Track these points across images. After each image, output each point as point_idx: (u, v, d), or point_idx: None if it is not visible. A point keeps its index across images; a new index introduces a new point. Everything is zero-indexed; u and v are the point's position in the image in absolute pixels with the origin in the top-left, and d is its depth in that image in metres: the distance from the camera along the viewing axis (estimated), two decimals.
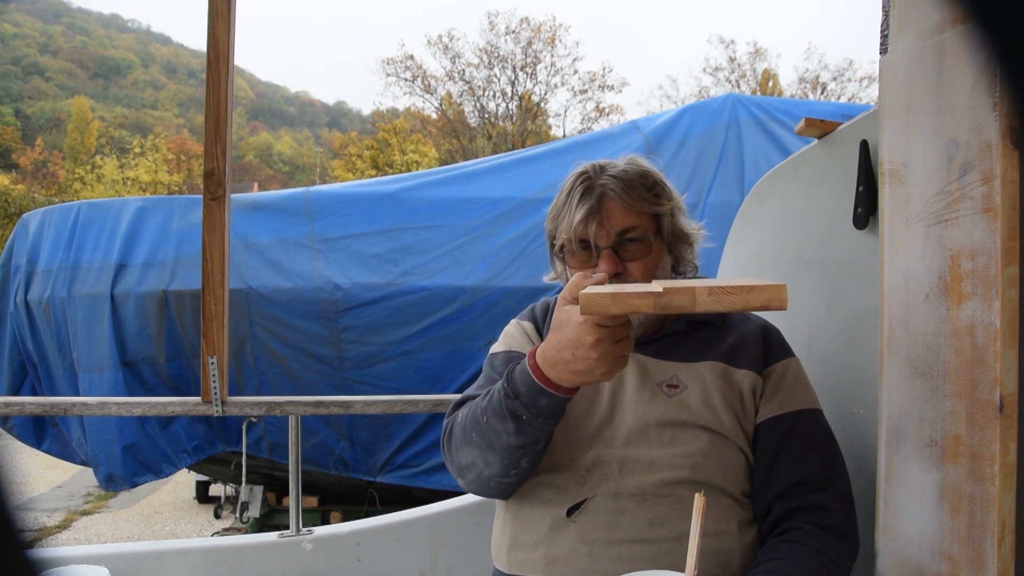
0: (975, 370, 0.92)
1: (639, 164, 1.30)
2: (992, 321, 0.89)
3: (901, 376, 1.06)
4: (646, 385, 1.23)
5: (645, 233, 1.24)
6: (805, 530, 1.13)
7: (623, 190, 1.23)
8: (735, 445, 1.19)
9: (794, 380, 1.25)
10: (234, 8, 1.92)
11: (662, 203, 1.26)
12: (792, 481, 1.17)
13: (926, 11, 1.00)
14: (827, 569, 1.08)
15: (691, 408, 1.19)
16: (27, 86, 59.48)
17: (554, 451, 1.20)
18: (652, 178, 1.28)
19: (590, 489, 1.16)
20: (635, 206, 1.23)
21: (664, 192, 1.28)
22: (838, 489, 1.18)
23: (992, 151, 0.88)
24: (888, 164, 1.09)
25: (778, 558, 1.09)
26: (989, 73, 0.87)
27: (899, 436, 1.07)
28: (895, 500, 1.08)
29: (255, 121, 74.56)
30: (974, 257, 0.91)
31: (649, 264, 1.24)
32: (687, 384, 1.22)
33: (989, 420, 0.89)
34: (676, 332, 1.29)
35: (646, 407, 1.20)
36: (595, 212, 1.22)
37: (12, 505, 0.30)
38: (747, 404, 1.22)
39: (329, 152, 42.03)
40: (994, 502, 0.88)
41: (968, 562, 0.92)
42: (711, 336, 1.29)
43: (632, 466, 1.16)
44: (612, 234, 1.22)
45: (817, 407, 1.26)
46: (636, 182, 1.25)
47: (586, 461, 1.18)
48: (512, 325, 1.40)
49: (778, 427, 1.20)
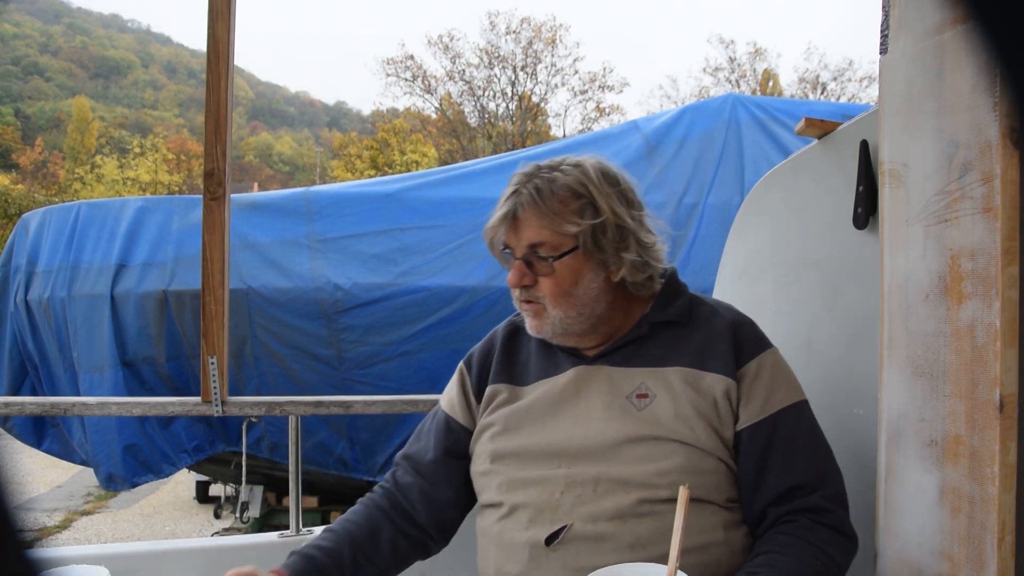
0: (975, 370, 0.92)
1: (575, 174, 1.19)
2: (992, 321, 0.89)
3: (901, 376, 1.06)
4: (615, 399, 1.18)
5: (557, 251, 1.16)
6: (802, 523, 1.11)
7: (535, 203, 1.16)
8: (713, 457, 1.14)
9: (770, 377, 1.19)
10: (234, 8, 1.92)
11: (580, 222, 1.15)
12: (784, 488, 1.13)
13: (926, 11, 1.00)
14: (822, 564, 1.07)
15: (662, 422, 1.15)
16: (27, 86, 59.47)
17: (528, 473, 1.18)
18: (581, 191, 1.17)
19: (566, 514, 1.13)
20: (546, 221, 1.16)
21: (594, 208, 1.17)
22: (832, 489, 1.16)
23: (992, 151, 0.88)
24: (888, 164, 1.09)
25: (773, 551, 1.08)
26: (989, 73, 0.87)
27: (899, 436, 1.07)
28: (895, 500, 1.08)
29: (255, 121, 74.56)
30: (974, 257, 0.91)
31: (560, 283, 1.17)
32: (656, 393, 1.17)
33: (989, 420, 0.89)
34: (639, 337, 1.23)
35: (617, 423, 1.16)
36: (509, 219, 1.18)
37: (12, 505, 0.30)
38: (722, 411, 1.16)
39: (329, 152, 42.03)
40: (994, 502, 0.88)
41: (968, 562, 0.92)
42: (677, 336, 1.23)
43: (607, 486, 1.13)
44: (524, 245, 1.18)
45: (799, 398, 1.20)
46: (557, 195, 1.16)
47: (559, 484, 1.15)
48: (458, 370, 1.37)
49: (761, 433, 1.15)
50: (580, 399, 1.21)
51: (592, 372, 1.22)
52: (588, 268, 1.18)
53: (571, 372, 1.23)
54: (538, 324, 1.21)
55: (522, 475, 1.19)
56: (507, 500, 1.19)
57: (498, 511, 1.21)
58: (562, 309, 1.18)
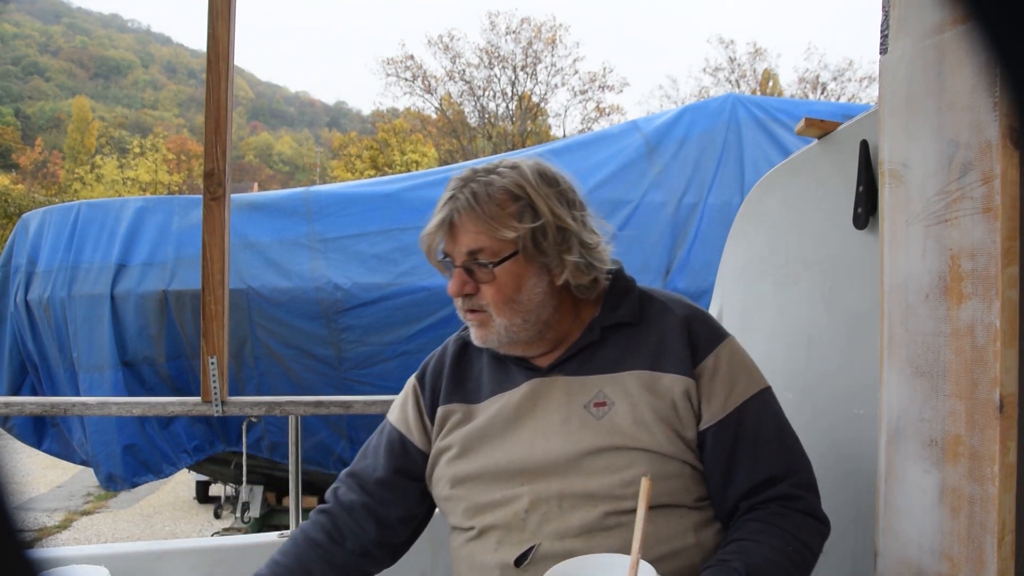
0: (975, 370, 0.92)
1: (512, 176, 1.15)
2: (992, 321, 0.89)
3: (901, 376, 1.06)
4: (572, 410, 1.15)
5: (497, 257, 1.12)
6: (772, 509, 1.10)
7: (472, 208, 1.12)
8: (677, 460, 1.12)
9: (729, 370, 1.15)
10: (234, 8, 1.92)
11: (519, 225, 1.11)
12: (753, 482, 1.12)
13: (926, 11, 1.00)
14: (794, 549, 1.05)
15: (622, 430, 1.12)
16: (27, 86, 59.47)
17: (491, 495, 1.16)
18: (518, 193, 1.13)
19: (533, 534, 1.11)
20: (484, 227, 1.12)
21: (533, 210, 1.13)
22: (801, 475, 1.14)
23: (992, 151, 0.88)
24: (888, 164, 1.09)
25: (744, 538, 1.07)
26: (989, 73, 0.87)
27: (899, 436, 1.07)
28: (895, 500, 1.08)
29: (255, 121, 74.56)
30: (974, 257, 0.91)
31: (502, 289, 1.13)
32: (614, 400, 1.14)
33: (989, 420, 0.89)
34: (591, 343, 1.19)
35: (576, 435, 1.13)
36: (446, 225, 1.14)
37: (12, 505, 0.30)
38: (682, 412, 1.13)
39: (329, 152, 42.03)
40: (994, 502, 0.88)
41: (968, 562, 0.92)
42: (631, 338, 1.19)
43: (572, 501, 1.11)
44: (463, 252, 1.14)
45: (760, 387, 1.17)
46: (494, 199, 1.12)
47: (523, 503, 1.13)
48: (411, 386, 1.32)
49: (725, 431, 1.13)
50: (537, 413, 1.17)
51: (547, 384, 1.18)
52: (530, 272, 1.14)
53: (525, 386, 1.19)
54: (483, 334, 1.17)
55: (486, 498, 1.16)
56: (474, 524, 1.17)
57: (466, 534, 1.19)
58: (506, 317, 1.14)
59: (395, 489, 1.26)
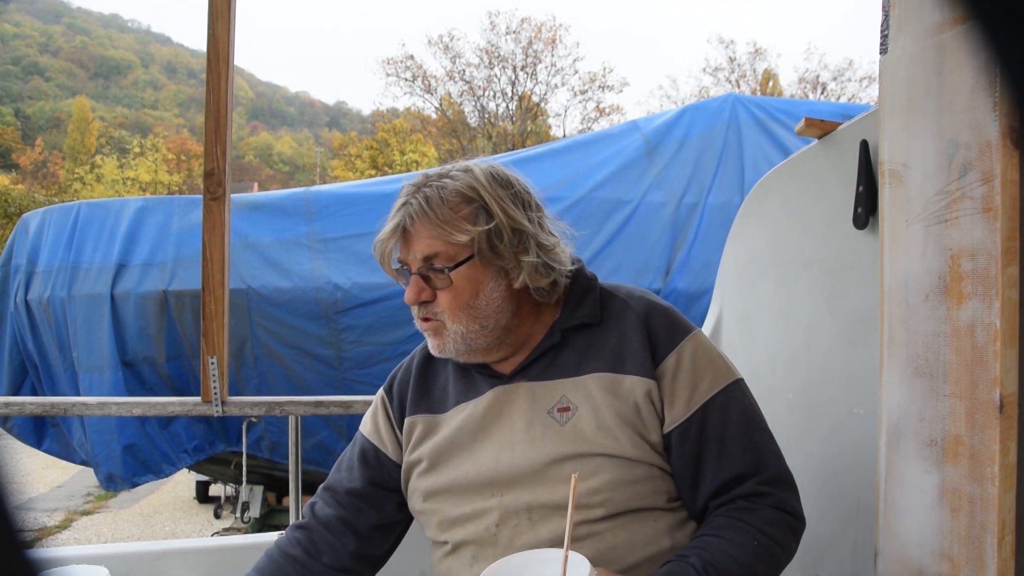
0: (975, 370, 0.92)
1: (464, 179, 1.13)
2: (992, 321, 0.89)
3: (901, 376, 1.06)
4: (536, 417, 1.13)
5: (452, 261, 1.10)
6: (739, 504, 1.09)
7: (425, 213, 1.10)
8: (643, 464, 1.10)
9: (691, 369, 1.12)
10: (234, 8, 1.92)
11: (472, 228, 1.09)
12: (720, 481, 1.10)
13: (926, 11, 1.00)
14: (760, 544, 1.04)
15: (586, 436, 1.09)
16: (27, 86, 59.49)
17: (462, 509, 1.15)
18: (471, 195, 1.12)
19: (505, 548, 1.10)
20: (438, 231, 1.09)
21: (487, 212, 1.11)
22: (770, 471, 1.11)
23: (992, 151, 0.88)
24: (888, 164, 1.09)
25: (707, 534, 1.06)
26: (989, 73, 0.87)
27: (899, 436, 1.07)
28: (895, 500, 1.08)
29: (255, 121, 74.58)
30: (974, 257, 0.91)
31: (458, 295, 1.11)
32: (577, 404, 1.12)
33: (989, 420, 0.89)
34: (553, 346, 1.17)
35: (540, 443, 1.11)
36: (399, 232, 1.12)
37: (12, 505, 0.30)
38: (645, 414, 1.10)
39: (329, 152, 42.05)
40: (994, 502, 0.88)
41: (968, 562, 0.92)
42: (592, 339, 1.16)
43: (541, 513, 1.09)
44: (418, 258, 1.11)
45: (725, 382, 1.14)
46: (447, 202, 1.10)
47: (493, 516, 1.12)
48: (380, 398, 1.31)
49: (690, 432, 1.10)
50: (503, 421, 1.15)
51: (511, 391, 1.16)
52: (487, 276, 1.12)
53: (489, 394, 1.17)
54: (439, 343, 1.15)
55: (457, 512, 1.15)
56: (448, 538, 1.17)
57: (443, 548, 1.18)
58: (463, 323, 1.12)
59: (371, 500, 1.25)
